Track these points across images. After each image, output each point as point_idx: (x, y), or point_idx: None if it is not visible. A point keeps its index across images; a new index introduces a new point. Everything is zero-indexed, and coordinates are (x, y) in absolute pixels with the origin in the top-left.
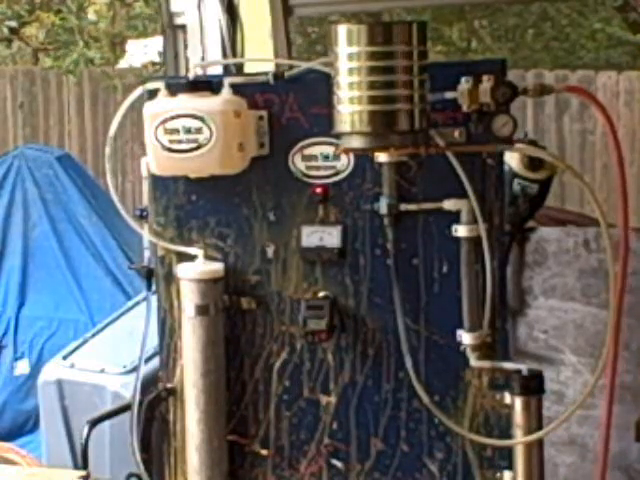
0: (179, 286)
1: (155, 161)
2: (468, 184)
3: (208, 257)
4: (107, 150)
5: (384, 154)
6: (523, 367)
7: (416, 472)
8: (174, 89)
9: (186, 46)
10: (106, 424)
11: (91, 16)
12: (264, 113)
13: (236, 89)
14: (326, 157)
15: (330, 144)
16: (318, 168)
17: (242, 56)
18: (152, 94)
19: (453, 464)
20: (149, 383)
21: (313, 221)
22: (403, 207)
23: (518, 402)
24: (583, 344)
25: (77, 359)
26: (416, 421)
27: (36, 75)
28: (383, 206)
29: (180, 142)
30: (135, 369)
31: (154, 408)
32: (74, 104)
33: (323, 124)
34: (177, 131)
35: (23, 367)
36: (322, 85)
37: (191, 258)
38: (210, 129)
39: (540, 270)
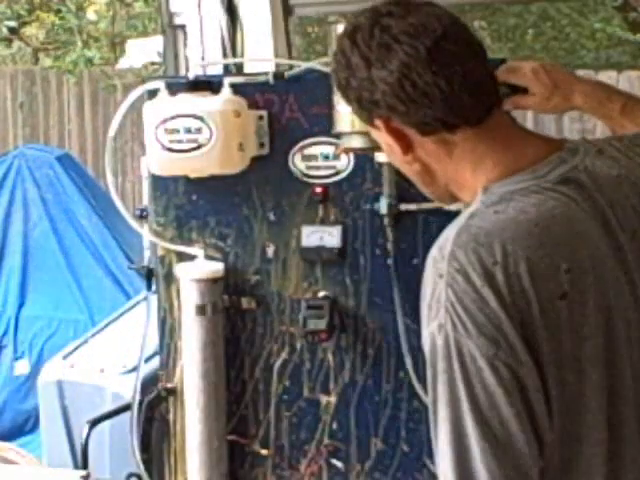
0: (179, 286)
1: (155, 161)
2: None
3: (208, 257)
4: (107, 150)
5: (384, 154)
6: None
7: (416, 472)
8: (174, 89)
9: (186, 46)
10: (106, 424)
11: (91, 16)
12: (264, 113)
13: (236, 89)
14: (326, 157)
15: (330, 144)
16: (318, 168)
17: (242, 56)
18: (152, 94)
19: None
20: (149, 383)
21: (313, 221)
22: (403, 207)
23: None
24: None
25: (77, 359)
26: (416, 421)
27: (36, 75)
28: (383, 206)
29: (180, 142)
30: (135, 369)
31: (154, 408)
32: (74, 104)
33: (323, 124)
34: (177, 131)
35: (23, 367)
36: (322, 85)
37: (191, 258)
38: (210, 129)
39: None
